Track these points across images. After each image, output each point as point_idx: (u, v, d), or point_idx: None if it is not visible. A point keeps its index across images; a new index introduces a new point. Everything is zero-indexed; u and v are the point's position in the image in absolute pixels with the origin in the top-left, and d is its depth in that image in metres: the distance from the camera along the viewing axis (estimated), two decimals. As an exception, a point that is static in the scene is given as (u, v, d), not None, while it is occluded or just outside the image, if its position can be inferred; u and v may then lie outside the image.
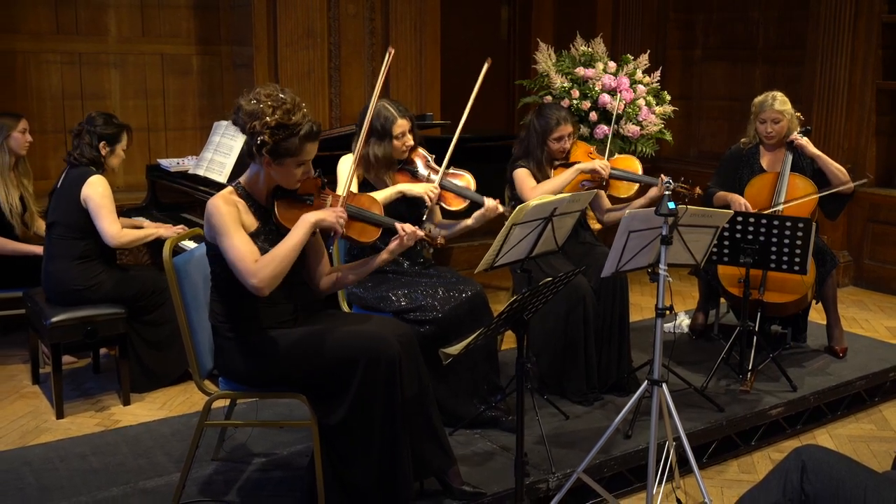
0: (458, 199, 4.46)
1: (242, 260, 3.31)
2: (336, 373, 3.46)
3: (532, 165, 4.96)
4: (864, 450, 4.73)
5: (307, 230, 3.40)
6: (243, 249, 3.32)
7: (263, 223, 3.50)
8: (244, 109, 3.38)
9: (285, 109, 3.34)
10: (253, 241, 3.41)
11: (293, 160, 3.40)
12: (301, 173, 3.47)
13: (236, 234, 3.35)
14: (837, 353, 5.56)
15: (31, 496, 3.79)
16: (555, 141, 4.92)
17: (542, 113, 5.00)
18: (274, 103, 3.35)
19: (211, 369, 3.81)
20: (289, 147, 3.36)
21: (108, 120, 5.02)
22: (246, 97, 3.40)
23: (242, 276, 3.34)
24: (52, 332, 4.77)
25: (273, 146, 3.34)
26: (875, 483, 2.76)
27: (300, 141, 3.37)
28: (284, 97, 3.38)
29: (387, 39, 6.87)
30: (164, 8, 6.99)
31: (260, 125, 3.32)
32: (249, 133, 3.37)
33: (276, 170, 3.42)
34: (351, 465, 3.51)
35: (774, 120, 5.42)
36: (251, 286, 3.32)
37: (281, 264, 3.33)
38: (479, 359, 4.33)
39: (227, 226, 3.34)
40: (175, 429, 4.50)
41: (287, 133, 3.34)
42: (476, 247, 6.98)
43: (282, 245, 3.37)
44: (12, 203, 5.37)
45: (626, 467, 4.24)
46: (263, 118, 3.32)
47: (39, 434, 4.64)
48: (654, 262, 3.91)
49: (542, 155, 4.95)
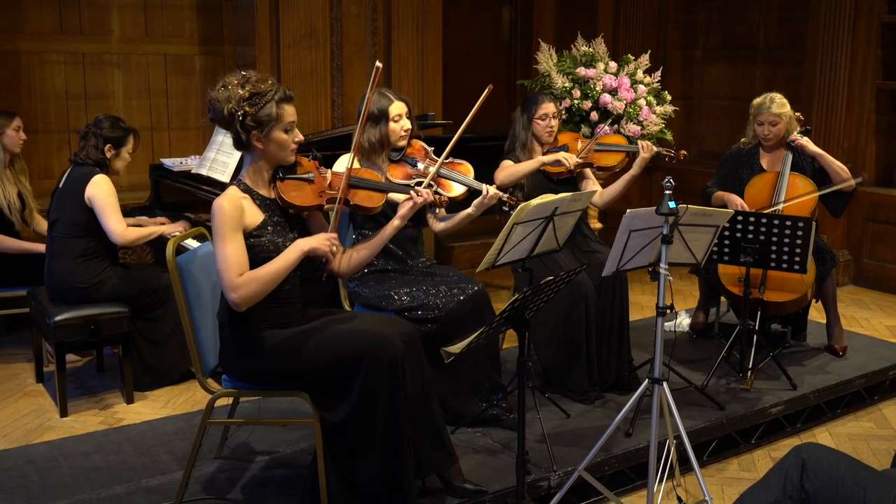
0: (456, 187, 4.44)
1: (227, 271, 3.34)
2: (340, 371, 3.46)
3: (518, 151, 5.04)
4: (863, 448, 4.74)
5: (298, 256, 3.43)
6: (231, 260, 3.34)
7: (269, 214, 3.51)
8: (216, 99, 3.43)
9: (253, 82, 3.43)
10: (260, 233, 3.44)
11: (278, 125, 3.44)
12: (291, 139, 3.51)
13: (230, 242, 3.36)
14: (837, 351, 5.57)
15: (34, 494, 3.80)
16: (539, 120, 5.02)
17: (525, 99, 5.17)
18: (241, 80, 3.43)
19: (214, 367, 3.81)
20: (269, 113, 3.41)
21: (114, 123, 5.04)
22: (214, 90, 3.46)
23: (224, 288, 3.37)
24: (56, 331, 4.79)
25: (255, 116, 3.39)
26: (874, 481, 2.77)
27: (277, 104, 3.43)
28: (248, 74, 3.47)
29: (389, 39, 6.89)
30: (167, 8, 7.02)
31: (236, 103, 3.38)
32: (229, 115, 3.41)
33: (267, 143, 3.46)
34: (353, 462, 3.52)
35: (772, 122, 5.44)
36: (230, 300, 3.36)
37: (265, 286, 3.37)
38: (481, 357, 4.33)
39: (224, 230, 3.36)
40: (178, 427, 4.51)
41: (263, 100, 3.40)
42: (478, 246, 7.01)
43: (269, 265, 3.39)
44: (10, 199, 5.40)
45: (626, 465, 4.25)
46: (237, 95, 3.38)
47: (43, 432, 4.65)
48: (654, 261, 3.92)
49: (527, 136, 5.04)
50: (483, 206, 4.31)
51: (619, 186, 5.05)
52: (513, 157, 5.04)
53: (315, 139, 5.64)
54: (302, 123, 3.84)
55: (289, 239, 3.52)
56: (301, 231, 3.64)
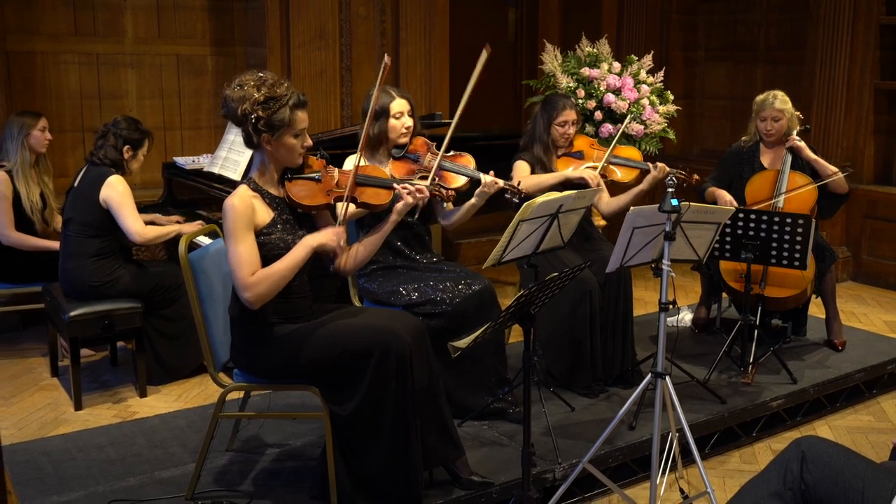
0: (458, 179, 4.45)
1: (240, 270, 3.37)
2: (349, 365, 3.48)
3: (538, 151, 5.02)
4: (862, 441, 4.76)
5: (307, 252, 3.47)
6: (243, 259, 3.37)
7: (279, 212, 3.53)
8: (231, 97, 3.43)
9: (269, 85, 3.42)
10: (269, 231, 3.46)
11: (289, 131, 3.45)
12: (300, 144, 3.52)
13: (242, 241, 3.39)
14: (836, 346, 5.60)
15: (50, 486, 3.82)
16: (559, 126, 5.01)
17: (549, 100, 5.12)
18: (257, 82, 3.42)
19: (226, 362, 3.83)
20: (282, 118, 3.42)
21: (134, 125, 5.06)
22: (229, 88, 3.47)
23: (237, 287, 3.40)
24: (71, 326, 4.81)
25: (267, 120, 3.40)
26: (873, 473, 2.78)
27: (290, 110, 3.43)
28: (264, 76, 3.46)
29: (397, 40, 6.90)
30: (179, 10, 7.02)
31: (250, 105, 3.38)
32: (242, 116, 3.41)
33: (277, 146, 3.48)
34: (362, 455, 3.54)
35: (774, 118, 5.48)
36: (243, 299, 3.39)
37: (277, 283, 3.41)
38: (487, 352, 4.33)
39: (236, 229, 3.39)
40: (190, 420, 4.53)
41: (277, 105, 3.40)
42: (484, 242, 7.02)
43: (280, 263, 3.42)
44: (33, 200, 5.40)
45: (630, 458, 4.27)
46: (251, 98, 3.38)
47: (58, 425, 4.68)
48: (657, 258, 3.93)
49: (548, 139, 5.03)
50: (485, 195, 4.32)
51: (626, 199, 5.00)
52: (528, 156, 5.04)
53: (323, 138, 5.64)
54: (312, 123, 3.85)
55: (298, 236, 3.53)
56: (310, 229, 3.64)
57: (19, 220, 5.38)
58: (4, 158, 5.39)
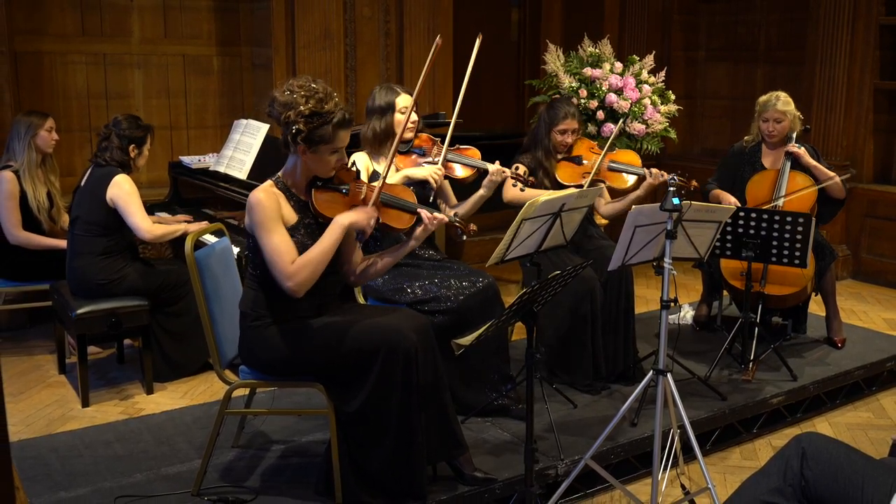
0: (465, 169, 4.47)
1: (280, 261, 3.37)
2: (355, 363, 3.49)
3: (539, 154, 5.03)
4: (861, 437, 4.78)
5: (340, 232, 3.45)
6: (282, 249, 3.38)
7: (303, 216, 3.53)
8: (278, 101, 3.42)
9: (318, 98, 3.38)
10: (292, 234, 3.46)
11: (327, 147, 3.44)
12: (335, 161, 3.50)
13: (276, 232, 3.39)
14: (836, 343, 5.61)
15: (57, 482, 3.83)
16: (558, 133, 5.01)
17: (553, 105, 5.12)
18: (307, 93, 3.39)
19: (232, 359, 3.85)
20: (323, 135, 3.40)
21: (135, 122, 5.08)
22: (280, 89, 3.44)
23: (279, 278, 3.39)
24: (78, 324, 4.83)
25: (307, 134, 3.38)
26: (872, 469, 2.80)
27: (333, 129, 3.40)
28: (316, 87, 3.42)
29: (401, 41, 6.93)
30: (185, 10, 7.04)
31: (294, 114, 3.36)
32: (284, 123, 3.40)
33: (311, 158, 3.46)
34: (367, 451, 3.55)
35: (777, 119, 5.49)
36: (287, 288, 3.39)
37: (317, 267, 3.40)
38: (491, 349, 4.34)
39: (268, 222, 3.39)
40: (196, 417, 4.54)
41: (320, 121, 3.38)
42: (487, 241, 7.02)
43: (316, 247, 3.42)
44: (40, 199, 5.41)
45: (632, 454, 4.29)
46: (297, 107, 3.36)
47: (65, 422, 4.70)
48: (659, 256, 3.93)
49: (550, 143, 5.04)
50: (493, 185, 4.36)
51: (624, 204, 4.99)
52: (527, 158, 5.06)
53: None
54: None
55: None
56: None
57: (26, 219, 5.40)
58: (11, 158, 5.41)
